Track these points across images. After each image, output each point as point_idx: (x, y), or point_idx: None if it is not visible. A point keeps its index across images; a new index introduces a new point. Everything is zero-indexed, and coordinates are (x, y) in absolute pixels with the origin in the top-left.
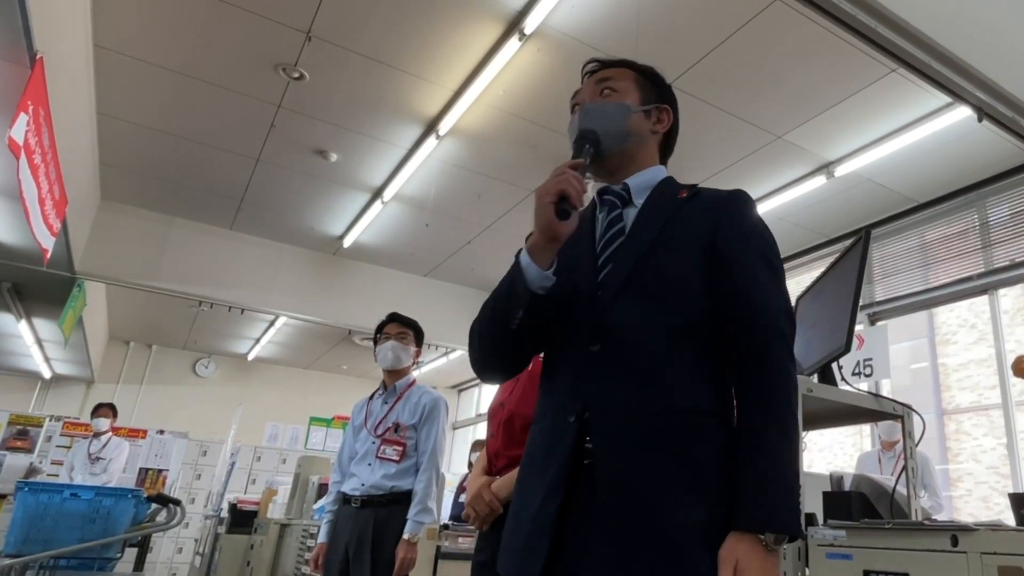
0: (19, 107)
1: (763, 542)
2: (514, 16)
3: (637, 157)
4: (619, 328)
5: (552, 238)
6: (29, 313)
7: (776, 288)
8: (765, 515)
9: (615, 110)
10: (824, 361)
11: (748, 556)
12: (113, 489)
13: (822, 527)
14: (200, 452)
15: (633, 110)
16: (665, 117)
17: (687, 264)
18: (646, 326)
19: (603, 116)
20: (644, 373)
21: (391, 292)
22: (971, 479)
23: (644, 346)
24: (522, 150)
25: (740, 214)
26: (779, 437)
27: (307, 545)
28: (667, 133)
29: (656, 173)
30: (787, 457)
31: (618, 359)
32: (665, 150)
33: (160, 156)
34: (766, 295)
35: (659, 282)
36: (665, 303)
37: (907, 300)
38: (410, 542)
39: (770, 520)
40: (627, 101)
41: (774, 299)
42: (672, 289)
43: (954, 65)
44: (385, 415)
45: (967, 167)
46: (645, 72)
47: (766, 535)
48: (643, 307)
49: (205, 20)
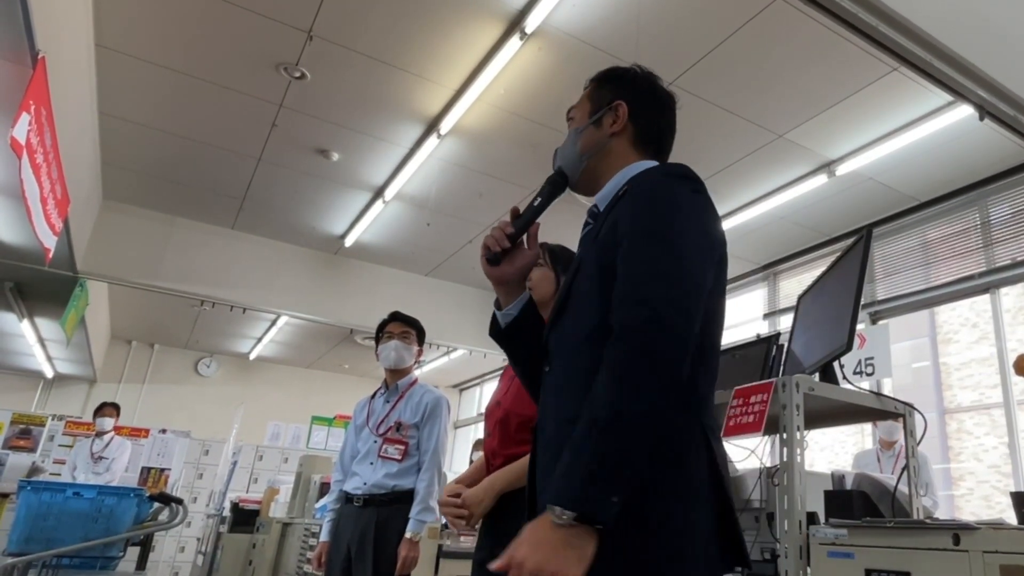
0: (21, 107)
1: (552, 517)
2: (515, 15)
3: (605, 168)
4: (554, 347)
5: (494, 282)
6: (31, 312)
7: (648, 253)
8: (556, 489)
9: (568, 140)
10: (825, 360)
11: (531, 528)
12: (116, 488)
13: (823, 526)
14: (202, 451)
15: (581, 130)
16: (621, 112)
17: (592, 272)
18: (568, 341)
19: (561, 152)
20: (563, 387)
21: (392, 291)
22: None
23: (566, 361)
24: (523, 149)
25: (635, 193)
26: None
27: (309, 544)
28: (637, 122)
29: (624, 176)
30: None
31: (553, 377)
32: (645, 140)
33: (162, 156)
34: (633, 269)
35: (578, 295)
36: (580, 314)
37: (908, 299)
38: (412, 541)
39: (557, 494)
40: (579, 124)
41: (642, 269)
42: (585, 299)
43: (955, 63)
44: (387, 414)
45: (968, 166)
46: (599, 78)
47: (554, 509)
48: (568, 323)
49: (206, 20)
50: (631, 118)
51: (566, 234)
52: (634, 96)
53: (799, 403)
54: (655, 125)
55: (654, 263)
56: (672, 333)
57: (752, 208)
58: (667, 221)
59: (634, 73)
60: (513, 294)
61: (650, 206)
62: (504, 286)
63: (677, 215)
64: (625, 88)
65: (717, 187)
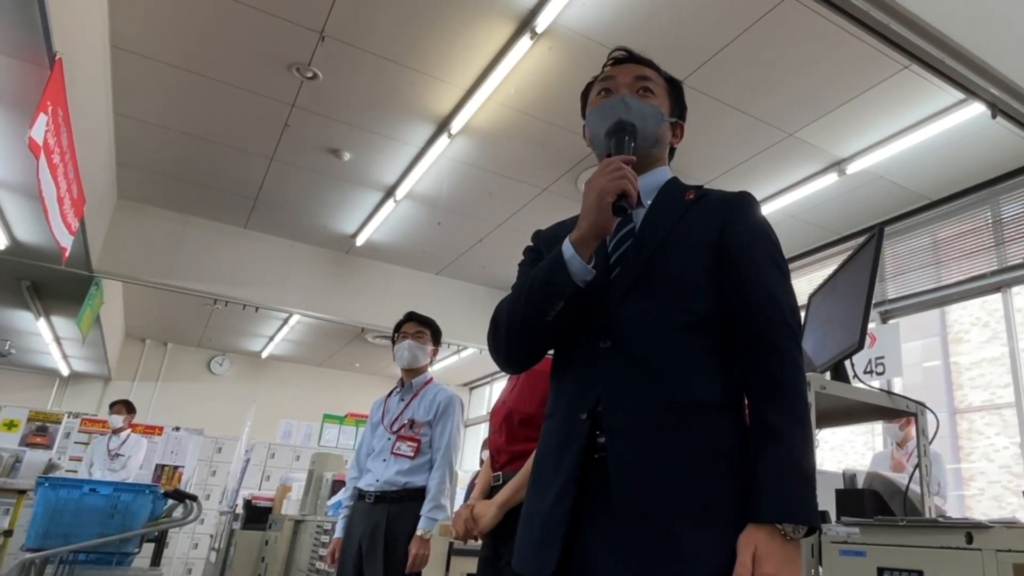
0: (39, 107)
1: (781, 532)
2: (526, 15)
3: (651, 161)
4: (629, 324)
5: (603, 234)
6: (48, 311)
7: (783, 286)
8: (782, 505)
9: (653, 114)
10: (837, 358)
11: (767, 545)
12: (131, 485)
13: (836, 524)
14: (215, 449)
15: (665, 119)
16: (679, 132)
17: (695, 263)
18: (655, 322)
19: (643, 115)
20: (654, 368)
21: (403, 290)
22: (983, 478)
23: (654, 342)
24: (533, 148)
25: (746, 214)
26: (793, 427)
27: (321, 541)
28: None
29: (663, 174)
30: (803, 447)
31: (629, 355)
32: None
33: (176, 155)
34: (774, 290)
35: (667, 280)
36: (673, 300)
37: (919, 298)
38: (423, 538)
39: (788, 510)
40: (661, 107)
41: (781, 295)
42: (680, 287)
43: (967, 61)
44: (401, 412)
45: (980, 164)
46: (674, 84)
47: (784, 525)
48: (652, 304)
49: (220, 21)
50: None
51: None
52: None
53: (811, 402)
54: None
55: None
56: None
57: (762, 207)
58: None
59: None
60: (592, 251)
61: (770, 237)
62: (598, 240)
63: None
64: (684, 111)
65: (727, 186)
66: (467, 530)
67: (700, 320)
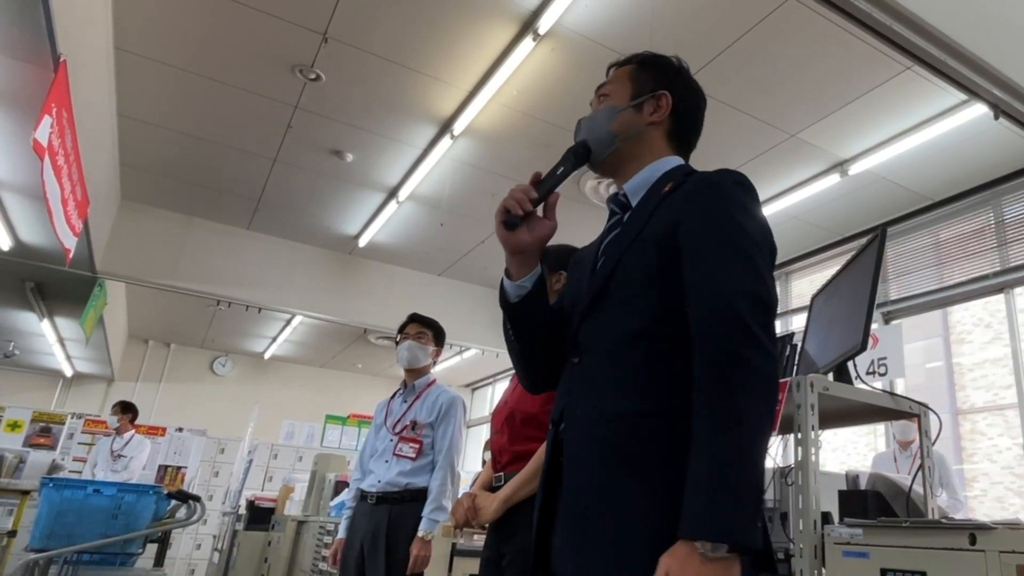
0: (43, 109)
1: (700, 551)
2: (528, 16)
3: (635, 154)
4: (587, 339)
5: (511, 250)
6: (51, 312)
7: (736, 268)
8: (698, 521)
9: (601, 116)
10: (840, 360)
11: (681, 564)
12: (135, 485)
13: (838, 525)
14: (218, 449)
15: (619, 109)
16: (663, 103)
17: (648, 264)
18: (610, 333)
19: (590, 126)
20: (606, 381)
21: (406, 291)
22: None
23: (604, 354)
24: (536, 149)
25: (707, 197)
26: (718, 435)
27: (324, 542)
28: (676, 117)
29: (657, 169)
30: (730, 455)
31: (587, 369)
32: (679, 136)
33: (179, 157)
34: (720, 278)
35: (625, 287)
36: (629, 308)
37: (922, 299)
38: (424, 540)
39: (703, 526)
40: (616, 102)
41: (732, 281)
42: (635, 292)
43: (970, 62)
44: (404, 413)
45: (983, 165)
46: (644, 61)
47: (701, 543)
48: (610, 315)
49: (223, 22)
50: (671, 112)
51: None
52: (677, 88)
53: (814, 403)
54: (690, 122)
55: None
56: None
57: (764, 207)
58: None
59: (678, 65)
60: (527, 265)
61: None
62: (518, 255)
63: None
64: (669, 79)
65: None
66: (467, 519)
67: (646, 327)
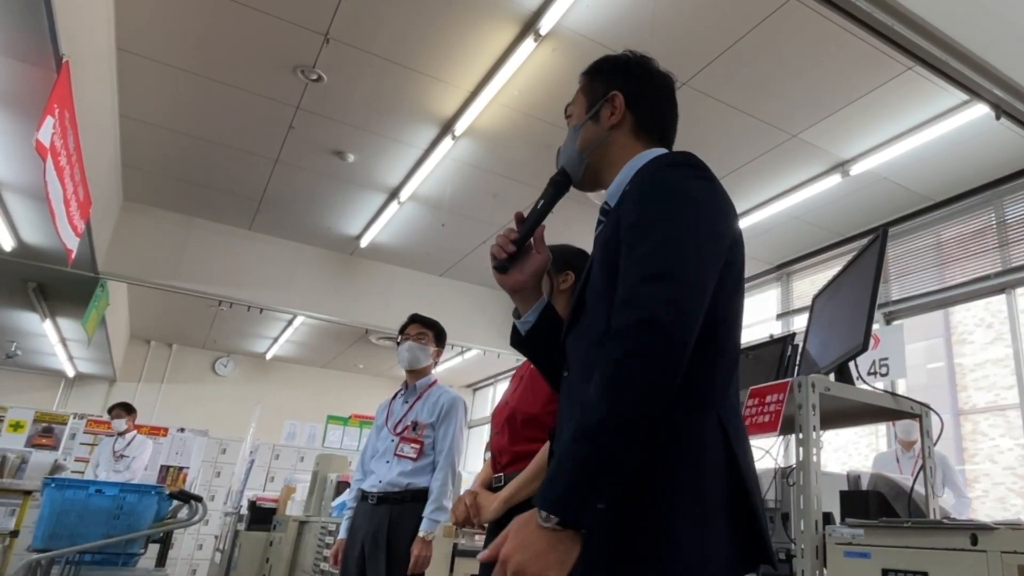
0: (46, 110)
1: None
2: (529, 17)
3: (608, 162)
4: (571, 350)
5: (508, 290)
6: (54, 312)
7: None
8: (541, 491)
9: (568, 139)
10: (841, 360)
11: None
12: (137, 486)
13: (840, 526)
14: (220, 450)
15: (579, 127)
16: (616, 103)
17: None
18: (583, 343)
19: (562, 151)
20: (576, 392)
21: (407, 292)
22: (988, 480)
23: (582, 363)
24: (537, 150)
25: (637, 190)
26: (585, 413)
27: (325, 542)
28: (635, 110)
29: (631, 168)
30: (585, 428)
31: (572, 382)
32: (647, 128)
33: (181, 158)
34: (630, 268)
35: (592, 295)
36: (594, 315)
37: (923, 299)
38: (425, 540)
39: (541, 496)
40: (576, 121)
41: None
42: (597, 299)
43: (971, 62)
44: (405, 414)
45: (984, 165)
46: (590, 71)
47: (539, 511)
48: (583, 325)
49: (225, 23)
50: (629, 107)
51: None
52: (629, 83)
53: (815, 403)
54: (655, 110)
55: (650, 261)
56: (665, 334)
57: (766, 208)
58: (665, 215)
59: (626, 59)
60: (529, 301)
61: (648, 200)
62: (518, 293)
63: (676, 207)
64: (619, 76)
65: (730, 187)
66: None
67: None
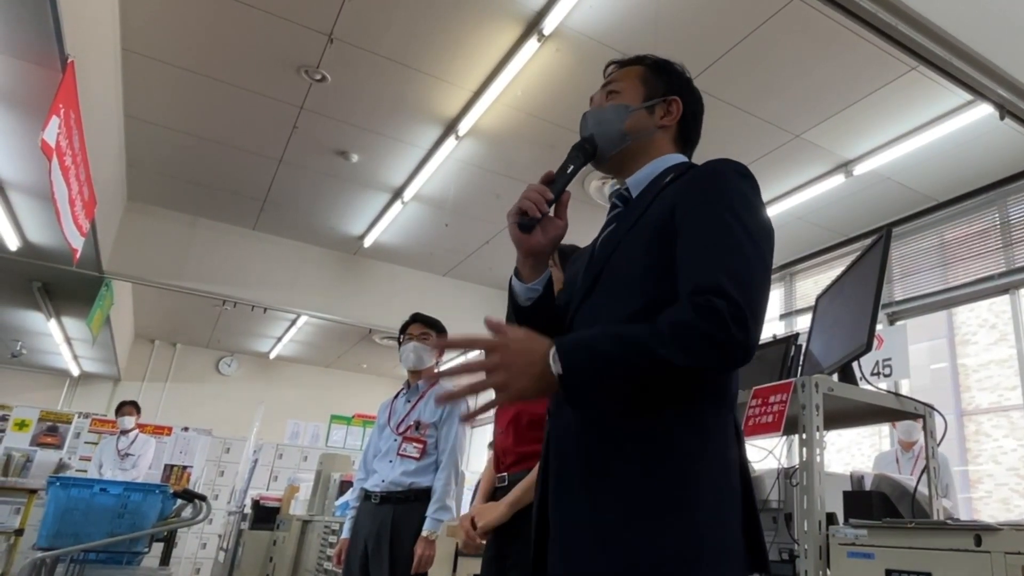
0: (51, 110)
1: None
2: (533, 17)
3: (642, 153)
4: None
5: (524, 252)
6: (58, 312)
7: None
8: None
9: (612, 113)
10: (844, 360)
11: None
12: (141, 485)
13: (843, 526)
14: (223, 449)
15: (632, 109)
16: (674, 108)
17: (641, 253)
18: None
19: (599, 121)
20: None
21: (410, 291)
22: (991, 481)
23: None
24: (540, 150)
25: (707, 182)
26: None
27: (329, 541)
28: (684, 123)
29: (660, 164)
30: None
31: None
32: (684, 139)
33: (185, 158)
34: (710, 259)
35: (619, 275)
36: (622, 294)
37: (926, 300)
38: (428, 539)
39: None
40: (628, 101)
41: (719, 262)
42: (629, 280)
43: (975, 62)
44: (407, 413)
45: (988, 165)
46: (654, 65)
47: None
48: (603, 302)
49: (229, 23)
50: (681, 117)
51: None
52: (687, 97)
53: (819, 403)
54: (695, 129)
55: (740, 263)
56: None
57: (769, 208)
58: (742, 217)
59: (687, 74)
60: (539, 268)
61: (727, 202)
62: (533, 257)
63: (749, 212)
64: (683, 87)
65: None
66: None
67: (636, 313)
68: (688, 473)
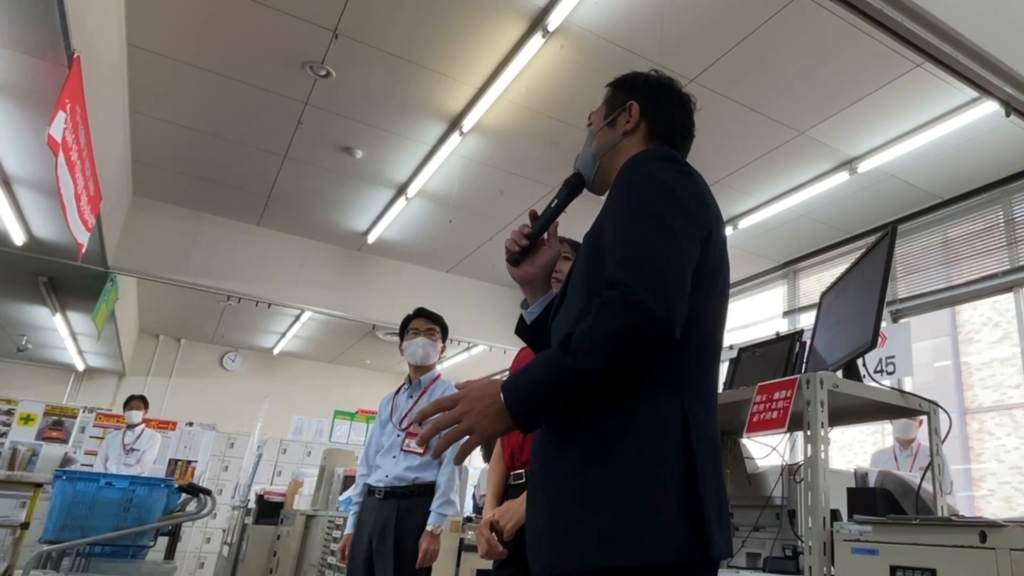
0: (57, 105)
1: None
2: (538, 13)
3: (615, 165)
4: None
5: (517, 281)
6: (64, 306)
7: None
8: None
9: (584, 144)
10: (849, 357)
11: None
12: (146, 479)
13: (847, 523)
14: (228, 444)
15: (596, 131)
16: (633, 111)
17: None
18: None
19: (578, 155)
20: None
21: (414, 287)
22: (994, 479)
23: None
24: (544, 146)
25: (624, 174)
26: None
27: (333, 536)
28: (649, 119)
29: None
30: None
31: None
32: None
33: (190, 153)
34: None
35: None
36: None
37: (930, 297)
38: (433, 534)
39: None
40: (596, 126)
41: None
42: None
43: (981, 59)
44: (410, 409)
45: (993, 163)
46: (614, 84)
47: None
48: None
49: (235, 19)
50: (643, 115)
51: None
52: (646, 95)
53: (823, 400)
54: (668, 119)
55: (631, 243)
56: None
57: (772, 205)
58: (644, 202)
59: (647, 75)
60: (538, 293)
61: (631, 188)
62: (528, 285)
63: (652, 195)
64: (638, 88)
65: (737, 184)
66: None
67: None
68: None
